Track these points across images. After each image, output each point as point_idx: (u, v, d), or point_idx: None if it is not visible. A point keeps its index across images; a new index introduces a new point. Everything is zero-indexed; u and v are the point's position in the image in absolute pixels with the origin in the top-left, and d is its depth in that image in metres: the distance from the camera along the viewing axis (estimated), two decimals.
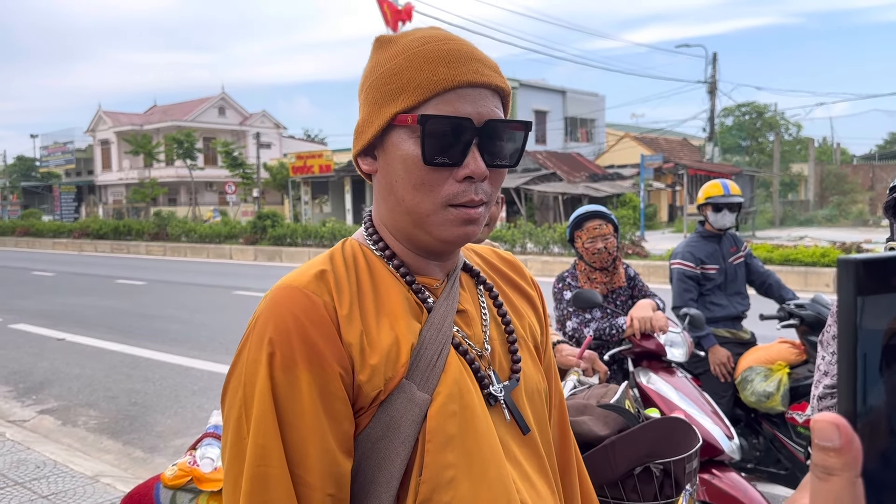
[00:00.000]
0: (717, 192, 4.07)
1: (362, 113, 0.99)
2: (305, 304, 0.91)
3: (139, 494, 2.38)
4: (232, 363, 0.95)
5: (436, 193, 0.95)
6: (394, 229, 1.01)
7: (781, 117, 46.14)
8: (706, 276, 4.04)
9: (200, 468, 2.29)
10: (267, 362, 0.89)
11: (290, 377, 0.88)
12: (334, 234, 22.28)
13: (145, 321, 10.62)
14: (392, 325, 0.95)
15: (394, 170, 0.96)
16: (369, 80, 0.98)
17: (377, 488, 0.92)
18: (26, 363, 8.03)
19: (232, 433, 0.91)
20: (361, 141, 0.99)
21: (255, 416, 0.88)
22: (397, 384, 0.93)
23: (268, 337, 0.89)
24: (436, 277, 1.04)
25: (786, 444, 3.69)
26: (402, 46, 0.97)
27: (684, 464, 1.65)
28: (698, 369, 3.90)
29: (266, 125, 51.36)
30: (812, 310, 3.70)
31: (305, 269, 0.97)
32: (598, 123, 42.03)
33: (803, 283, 12.10)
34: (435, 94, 0.93)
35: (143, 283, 15.92)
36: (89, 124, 53.66)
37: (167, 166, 45.93)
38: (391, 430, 0.92)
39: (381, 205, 1.02)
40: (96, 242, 29.11)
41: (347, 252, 1.02)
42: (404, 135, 0.95)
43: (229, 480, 0.91)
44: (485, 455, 0.95)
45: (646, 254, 16.16)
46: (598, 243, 3.28)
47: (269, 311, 0.92)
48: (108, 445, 5.37)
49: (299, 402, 0.88)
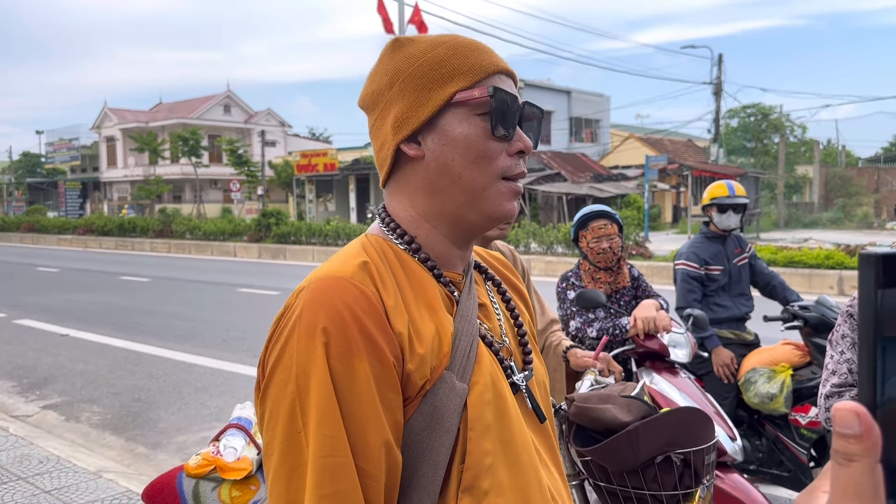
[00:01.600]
0: (723, 192, 4.06)
1: (402, 102, 1.01)
2: (355, 293, 0.92)
3: (162, 484, 2.41)
4: (272, 357, 0.93)
5: (493, 166, 1.00)
6: (432, 216, 1.03)
7: (787, 119, 46.05)
8: (710, 277, 4.03)
9: (224, 457, 2.31)
10: (323, 352, 0.88)
11: (347, 367, 0.88)
12: (338, 232, 22.31)
13: (149, 318, 10.64)
14: (431, 316, 0.98)
15: (450, 148, 1.00)
16: (405, 71, 1.01)
17: (421, 478, 0.93)
18: (30, 359, 8.05)
19: (283, 426, 0.89)
20: (410, 126, 1.00)
21: (315, 407, 0.87)
22: (440, 374, 0.95)
23: (321, 326, 0.89)
24: (458, 271, 1.07)
25: (788, 446, 3.68)
26: (434, 42, 1.02)
27: (703, 455, 1.66)
28: (701, 370, 3.90)
29: (271, 123, 51.41)
30: (816, 312, 3.69)
31: (345, 260, 0.97)
32: (602, 124, 41.98)
33: (807, 284, 12.08)
34: (486, 76, 1.00)
35: (147, 280, 15.96)
36: (95, 121, 53.75)
37: (172, 164, 45.99)
38: (434, 419, 0.93)
39: (417, 194, 1.04)
40: (101, 239, 29.18)
41: (375, 245, 1.02)
42: (462, 113, 1.00)
43: (281, 476, 0.88)
44: (517, 442, 0.99)
45: (650, 254, 16.14)
46: (603, 243, 3.28)
47: (318, 301, 0.91)
48: (111, 441, 5.38)
49: (358, 392, 0.88)
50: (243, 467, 2.28)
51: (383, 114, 1.03)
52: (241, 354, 8.03)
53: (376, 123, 1.05)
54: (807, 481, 3.65)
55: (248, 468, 2.29)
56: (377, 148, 1.06)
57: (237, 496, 2.27)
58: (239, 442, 2.34)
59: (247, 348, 8.35)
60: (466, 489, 0.93)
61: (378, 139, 1.05)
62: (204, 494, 2.28)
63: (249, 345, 8.54)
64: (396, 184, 1.05)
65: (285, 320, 0.94)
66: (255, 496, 2.28)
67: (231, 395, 6.33)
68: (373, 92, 1.04)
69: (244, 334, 9.19)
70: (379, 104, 1.04)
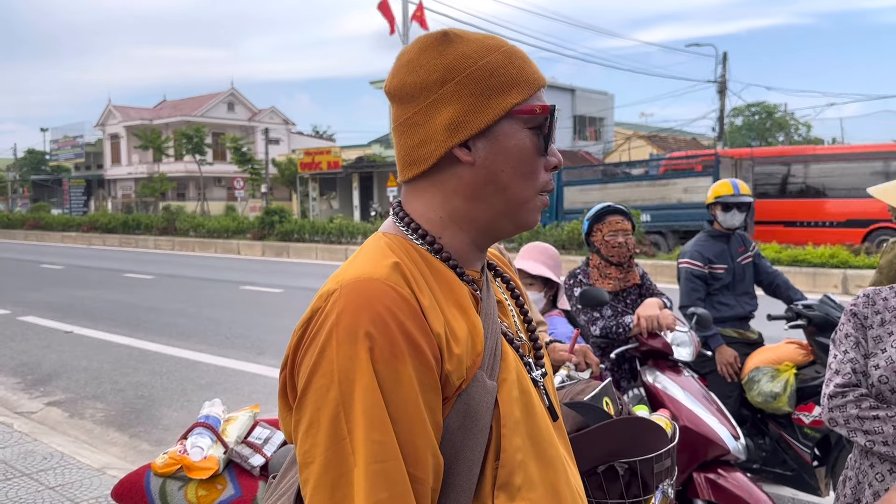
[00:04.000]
0: (727, 191, 4.05)
1: (458, 104, 0.99)
2: (393, 295, 0.90)
3: (130, 482, 2.38)
4: (308, 362, 0.90)
5: (535, 181, 1.02)
6: (464, 220, 1.03)
7: (791, 117, 45.96)
8: (714, 276, 4.02)
9: (190, 456, 2.30)
10: (367, 357, 0.87)
11: (392, 371, 0.87)
12: (342, 230, 22.31)
13: (153, 315, 10.66)
14: (462, 316, 0.98)
15: (502, 159, 1.00)
16: (461, 72, 0.99)
17: (457, 478, 0.93)
18: (34, 355, 8.07)
19: (326, 433, 0.87)
20: (467, 131, 0.98)
21: (362, 413, 0.86)
22: (474, 373, 0.95)
23: (363, 330, 0.87)
24: (477, 270, 1.07)
25: (792, 445, 3.67)
26: (486, 44, 1.01)
27: (652, 464, 1.63)
28: (705, 369, 3.89)
29: (275, 121, 51.43)
30: (820, 310, 3.68)
31: (374, 261, 0.95)
32: (606, 122, 41.92)
33: (811, 283, 12.05)
34: (537, 90, 1.02)
35: (151, 277, 15.98)
36: (99, 118, 53.85)
37: (176, 161, 46.06)
38: (469, 418, 0.93)
39: (455, 197, 1.02)
40: (105, 236, 29.23)
41: (398, 245, 1.00)
42: (516, 125, 1.00)
43: (324, 484, 0.87)
44: (543, 437, 1.01)
45: (653, 253, 16.13)
46: (619, 237, 3.28)
47: (357, 304, 0.89)
48: (114, 438, 5.40)
49: (404, 395, 0.88)
50: (209, 466, 2.27)
51: (429, 109, 1.00)
52: (245, 352, 8.04)
53: (415, 117, 1.01)
54: (810, 480, 3.64)
55: (215, 467, 2.28)
56: (415, 143, 1.01)
57: (203, 495, 2.26)
58: (205, 441, 2.33)
59: (250, 346, 8.37)
60: (502, 486, 0.94)
61: (417, 134, 1.01)
62: (171, 494, 2.28)
63: (253, 342, 8.55)
64: (429, 183, 1.02)
65: (317, 324, 0.91)
66: (221, 496, 2.27)
67: (235, 392, 6.34)
68: (415, 83, 1.00)
69: (248, 332, 9.20)
70: (422, 98, 1.00)
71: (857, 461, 1.98)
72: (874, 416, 1.85)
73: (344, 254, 20.22)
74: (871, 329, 1.96)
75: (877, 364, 1.90)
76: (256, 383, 6.71)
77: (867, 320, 1.97)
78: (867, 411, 1.87)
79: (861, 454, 1.96)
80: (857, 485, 1.97)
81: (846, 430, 1.91)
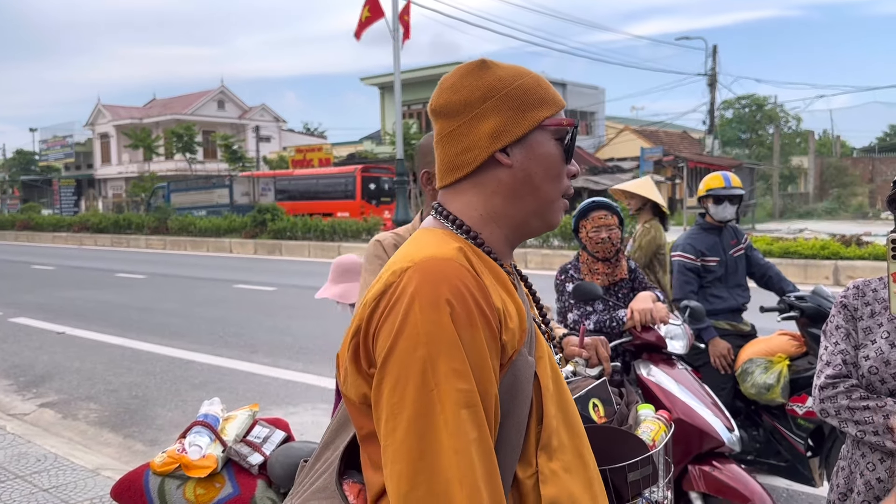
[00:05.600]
0: (719, 183, 4.06)
1: (499, 117, 1.16)
2: (465, 272, 1.06)
3: (129, 481, 2.41)
4: (391, 328, 1.02)
5: (560, 185, 1.21)
6: (501, 218, 1.19)
7: (781, 110, 46.12)
8: (707, 269, 4.04)
9: (189, 455, 2.33)
10: (450, 321, 1.01)
11: (471, 334, 1.02)
12: (334, 228, 22.26)
13: (145, 315, 10.63)
14: (509, 297, 1.12)
15: (535, 163, 1.18)
16: (500, 91, 1.17)
17: (507, 436, 1.08)
18: (27, 357, 8.04)
19: (415, 387, 1.00)
20: (507, 138, 1.16)
21: (449, 367, 1.00)
22: (520, 348, 1.09)
23: (444, 298, 1.02)
24: (508, 262, 1.22)
25: (786, 436, 3.69)
26: (517, 70, 1.20)
27: (624, 472, 1.62)
28: (698, 361, 3.90)
29: (265, 119, 51.30)
30: (812, 302, 3.70)
31: (442, 245, 1.10)
32: (597, 116, 41.95)
33: (803, 275, 12.11)
34: (560, 108, 1.20)
35: (143, 277, 15.93)
36: (89, 118, 53.60)
37: (167, 160, 45.87)
38: (514, 388, 1.08)
39: (495, 197, 1.18)
40: (96, 236, 29.10)
41: (449, 236, 1.15)
42: (547, 136, 1.19)
43: (414, 430, 0.99)
44: (570, 406, 1.19)
45: None
46: (603, 233, 3.29)
47: (436, 277, 1.04)
48: (108, 439, 5.38)
49: (480, 356, 1.02)
50: (208, 465, 2.31)
51: (473, 122, 1.16)
52: (238, 350, 8.02)
53: (460, 129, 1.18)
54: (804, 471, 3.66)
55: (213, 466, 2.31)
56: (459, 150, 1.18)
57: (202, 493, 2.30)
58: (204, 440, 2.37)
59: (244, 344, 8.35)
60: (543, 447, 1.10)
61: (461, 143, 1.17)
62: (169, 493, 2.31)
63: (246, 341, 8.53)
64: (471, 185, 1.19)
65: (394, 296, 1.04)
66: (219, 494, 2.30)
67: (229, 391, 6.32)
68: (459, 101, 1.17)
69: (241, 330, 9.18)
70: (466, 113, 1.17)
71: (849, 451, 1.99)
72: (864, 406, 1.87)
73: (337, 251, 20.19)
74: (861, 320, 1.97)
75: (867, 355, 1.91)
76: (251, 382, 6.69)
77: (857, 312, 1.98)
78: (857, 402, 1.88)
79: (853, 444, 1.98)
80: (849, 474, 1.98)
81: (837, 420, 1.92)
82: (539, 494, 1.08)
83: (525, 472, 1.09)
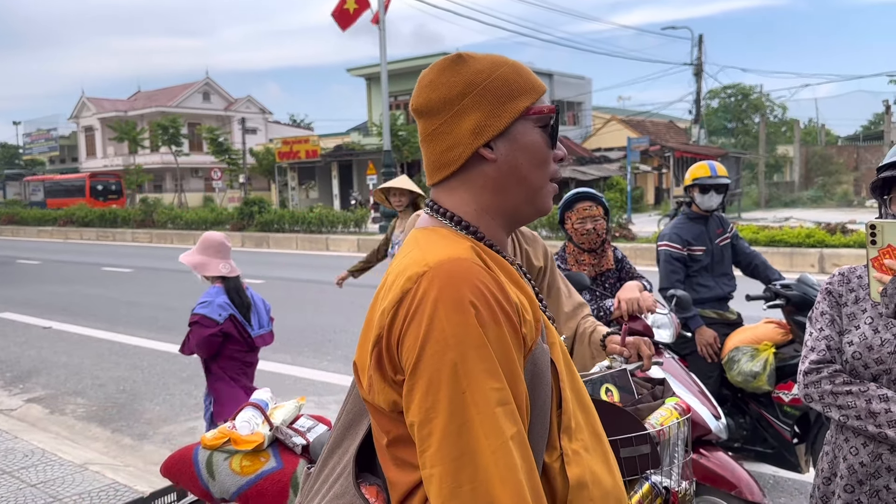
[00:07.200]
0: (704, 173, 4.07)
1: (479, 112, 1.15)
2: (482, 272, 1.06)
3: (179, 457, 2.61)
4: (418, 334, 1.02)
5: (547, 171, 1.21)
6: (493, 210, 1.19)
7: (767, 99, 46.34)
8: (693, 258, 4.06)
9: (238, 431, 2.55)
10: (475, 322, 1.01)
11: (496, 332, 1.03)
12: (322, 219, 22.20)
13: (132, 309, 10.58)
14: (520, 289, 1.13)
15: (520, 154, 1.17)
16: (478, 85, 1.16)
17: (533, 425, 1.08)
18: (13, 352, 7.99)
19: (448, 389, 1.00)
20: (489, 133, 1.15)
21: (479, 368, 1.00)
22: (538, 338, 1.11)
23: (468, 300, 1.02)
24: (509, 253, 1.24)
25: (772, 424, 3.72)
26: (494, 60, 1.19)
27: (617, 447, 1.63)
28: (685, 350, 3.93)
29: (251, 110, 51.02)
30: (798, 290, 3.72)
31: (454, 245, 1.11)
32: (584, 106, 41.97)
33: (789, 263, 12.19)
34: (541, 95, 1.19)
35: (129, 271, 15.85)
36: (73, 111, 53.14)
37: (152, 153, 45.56)
38: (536, 376, 1.09)
39: (483, 191, 1.18)
40: (82, 230, 28.89)
41: (453, 234, 1.16)
42: (529, 124, 1.18)
43: (451, 431, 0.99)
44: (581, 388, 1.20)
45: (633, 236, 16.21)
46: (588, 224, 3.29)
47: (456, 280, 1.04)
48: (96, 433, 5.36)
49: (507, 353, 1.03)
50: (255, 440, 2.51)
51: (454, 119, 1.16)
52: None
53: (442, 127, 1.17)
54: (791, 458, 3.69)
55: (259, 440, 2.51)
56: (443, 148, 1.17)
57: (247, 465, 2.48)
58: (255, 419, 2.58)
59: None
60: (564, 430, 1.12)
61: (445, 141, 1.17)
62: (216, 464, 2.51)
63: None
64: (459, 182, 1.19)
65: (413, 301, 1.04)
66: (263, 467, 2.49)
67: None
68: (439, 99, 1.17)
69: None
70: (447, 110, 1.17)
71: (833, 436, 2.01)
72: (847, 391, 1.89)
73: (325, 243, 20.14)
74: (845, 307, 1.99)
75: (851, 340, 1.93)
76: None
77: (842, 298, 2.00)
78: (841, 387, 1.90)
79: (836, 429, 2.00)
80: (833, 459, 2.00)
81: (821, 405, 1.94)
82: (565, 476, 1.10)
83: (551, 457, 1.11)
